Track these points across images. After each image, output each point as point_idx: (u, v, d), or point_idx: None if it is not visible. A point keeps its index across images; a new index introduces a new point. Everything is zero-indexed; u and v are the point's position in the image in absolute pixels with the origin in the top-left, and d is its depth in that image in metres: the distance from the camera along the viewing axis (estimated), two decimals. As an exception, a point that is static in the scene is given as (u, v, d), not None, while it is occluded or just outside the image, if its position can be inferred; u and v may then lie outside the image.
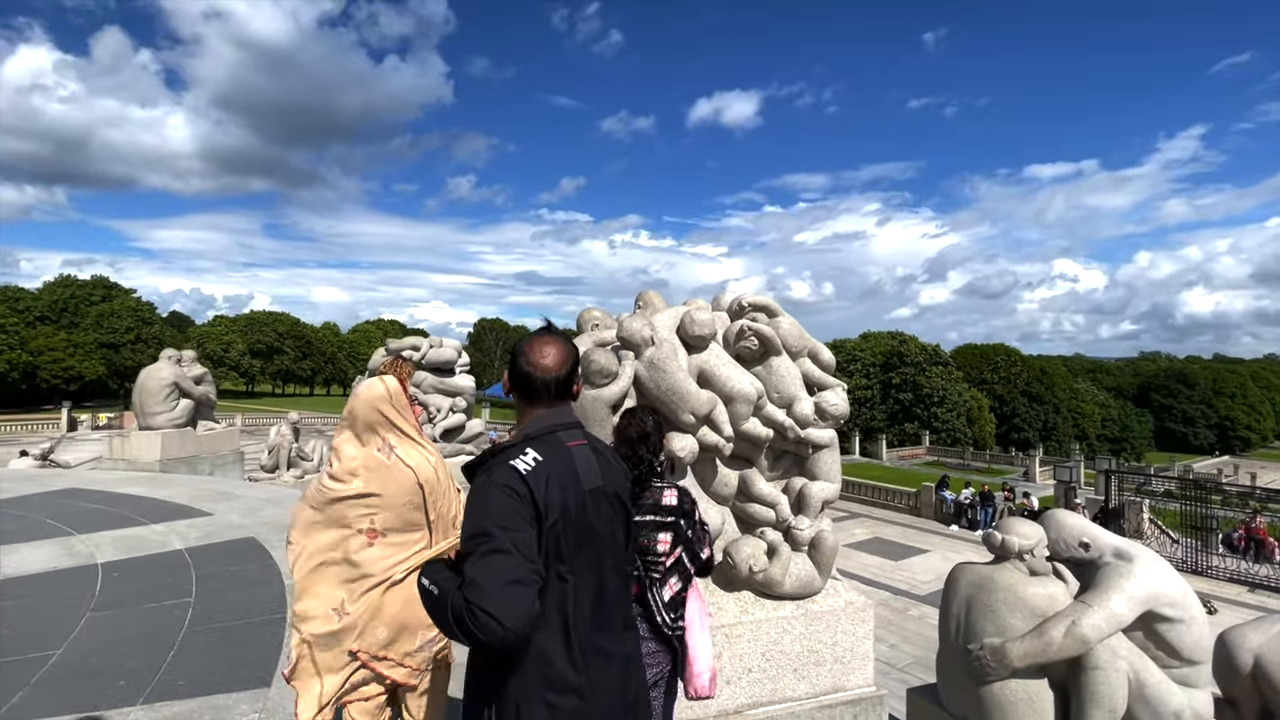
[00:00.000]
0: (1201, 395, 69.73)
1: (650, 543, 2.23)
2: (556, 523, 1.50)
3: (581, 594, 1.54)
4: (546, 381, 1.67)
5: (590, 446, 1.68)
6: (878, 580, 14.50)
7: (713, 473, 3.16)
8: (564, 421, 1.68)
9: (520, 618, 1.34)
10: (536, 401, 1.70)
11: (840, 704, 2.88)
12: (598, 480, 1.63)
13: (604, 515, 1.63)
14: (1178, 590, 3.59)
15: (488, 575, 1.37)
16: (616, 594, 1.64)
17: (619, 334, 2.99)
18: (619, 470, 1.75)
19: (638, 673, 1.66)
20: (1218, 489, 20.03)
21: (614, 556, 1.64)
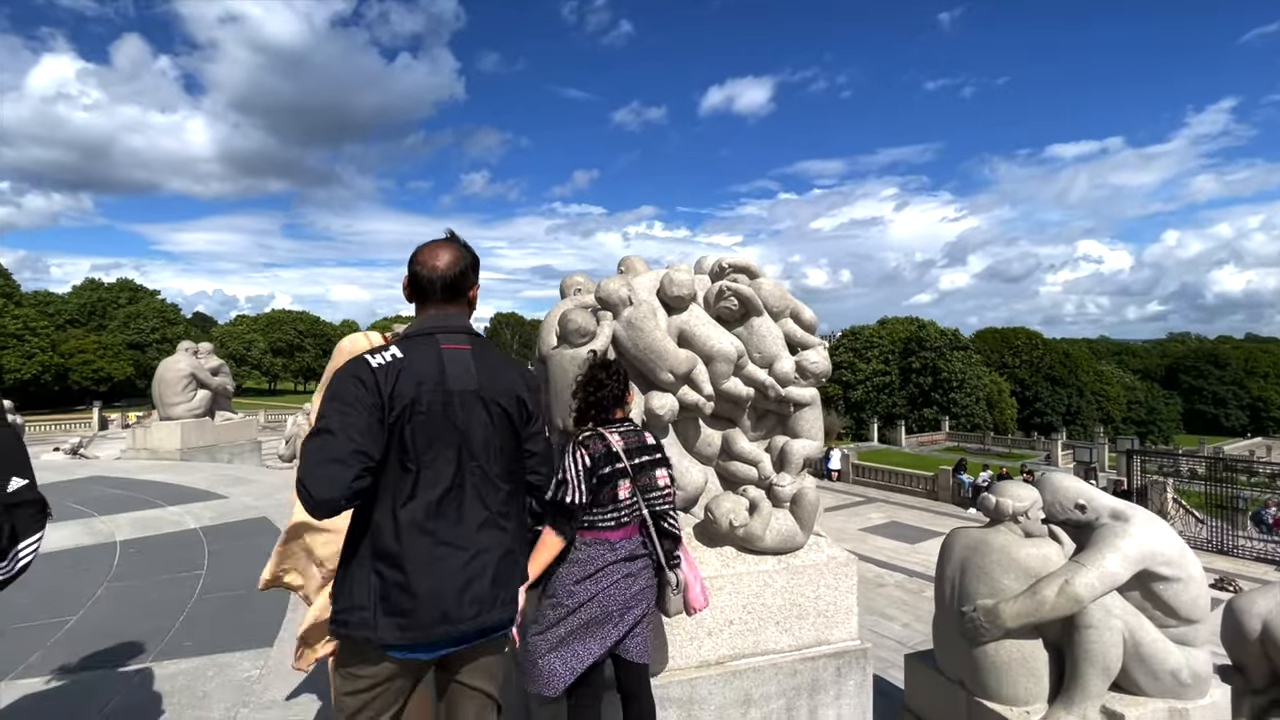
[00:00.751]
0: (1233, 376, 67.94)
1: (652, 480, 2.34)
2: (403, 416, 1.58)
3: (425, 484, 1.61)
4: (432, 279, 1.73)
5: (473, 352, 1.72)
6: (893, 563, 14.44)
7: (696, 432, 3.19)
8: (447, 325, 1.73)
9: (328, 491, 1.45)
10: (425, 302, 1.77)
11: (823, 656, 2.91)
12: (470, 384, 1.68)
13: (475, 418, 1.67)
14: (1174, 549, 3.56)
15: (311, 452, 1.49)
16: (479, 493, 1.67)
17: (597, 294, 3.03)
18: (511, 380, 1.77)
19: (500, 570, 1.68)
20: (1247, 469, 19.56)
21: (484, 458, 1.68)
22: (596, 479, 2.21)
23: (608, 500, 2.24)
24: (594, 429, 2.31)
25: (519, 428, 1.77)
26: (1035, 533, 3.74)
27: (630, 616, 2.27)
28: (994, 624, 3.52)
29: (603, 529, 2.26)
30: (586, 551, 2.24)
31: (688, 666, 2.77)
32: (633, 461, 2.29)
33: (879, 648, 8.23)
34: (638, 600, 2.29)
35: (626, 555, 2.28)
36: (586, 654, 2.21)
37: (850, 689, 2.95)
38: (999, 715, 3.53)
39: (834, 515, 19.27)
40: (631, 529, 2.31)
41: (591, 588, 2.21)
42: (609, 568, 2.23)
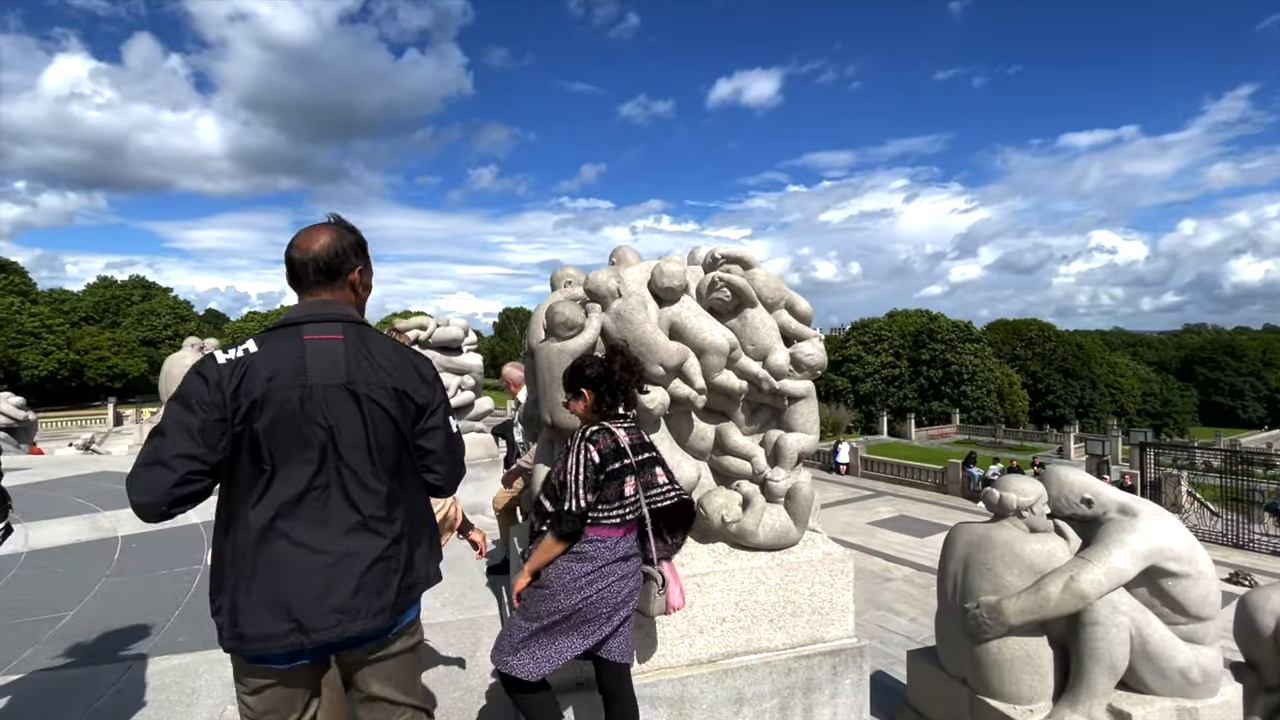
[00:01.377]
0: (1250, 367, 66.89)
1: (653, 478, 2.30)
2: (250, 414, 1.48)
3: (280, 485, 1.51)
4: (305, 262, 1.63)
5: (345, 341, 1.60)
6: (902, 557, 14.34)
7: (689, 427, 3.13)
8: (315, 313, 1.62)
9: (148, 495, 1.40)
10: (301, 288, 1.67)
11: (819, 655, 2.85)
12: (336, 376, 1.56)
13: (343, 413, 1.55)
14: (1183, 544, 3.47)
15: (142, 454, 1.44)
16: (347, 494, 1.56)
17: (585, 286, 2.96)
18: (393, 371, 1.64)
19: (370, 578, 1.56)
20: (1264, 461, 19.23)
21: (355, 457, 1.56)
22: (604, 475, 2.17)
23: (614, 497, 2.20)
24: (602, 424, 2.26)
25: (402, 423, 1.63)
26: (1040, 528, 3.66)
27: (618, 617, 2.23)
28: (997, 621, 3.45)
29: (607, 525, 2.21)
30: (591, 549, 2.20)
31: (678, 665, 2.72)
32: (638, 458, 2.25)
33: (885, 643, 8.18)
34: (627, 601, 2.25)
35: (623, 554, 2.24)
36: (568, 649, 2.18)
37: (846, 688, 2.89)
38: (1002, 714, 3.46)
39: (842, 509, 19.15)
40: (632, 526, 2.28)
41: (588, 587, 2.17)
42: (607, 567, 2.20)
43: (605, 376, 2.28)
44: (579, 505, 2.13)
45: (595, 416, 2.31)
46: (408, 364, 1.69)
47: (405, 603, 1.65)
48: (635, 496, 2.22)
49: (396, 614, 1.62)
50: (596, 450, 2.17)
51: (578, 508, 2.13)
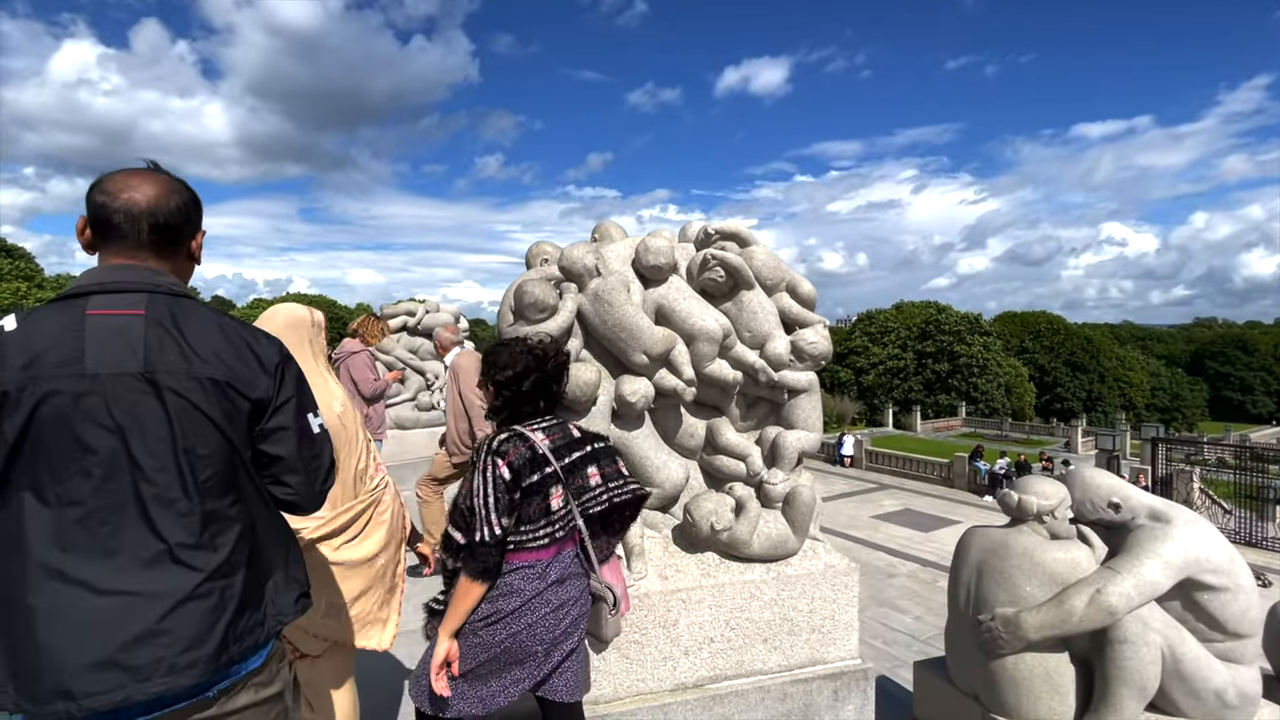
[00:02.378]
0: (1261, 362, 66.16)
1: (584, 481, 1.95)
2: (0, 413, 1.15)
3: (48, 506, 1.18)
4: (134, 215, 1.29)
5: (147, 319, 1.23)
6: (906, 551, 14.10)
7: (677, 422, 2.82)
8: (111, 281, 1.26)
9: None
10: (110, 248, 1.31)
11: (818, 678, 2.55)
12: (131, 364, 1.21)
13: (141, 412, 1.21)
14: (1222, 555, 3.16)
15: None
16: (147, 517, 1.22)
17: (559, 263, 2.64)
18: (212, 357, 1.28)
19: (180, 622, 1.21)
20: (1277, 458, 18.85)
21: (158, 469, 1.22)
22: (520, 492, 1.82)
23: (538, 515, 1.85)
24: (512, 431, 1.91)
25: (229, 425, 1.29)
26: (1062, 534, 3.37)
27: (559, 652, 1.89)
28: (1014, 635, 3.18)
29: (532, 549, 1.87)
30: (509, 582, 1.85)
31: (660, 690, 2.43)
32: (563, 462, 1.90)
33: (889, 644, 7.91)
34: (570, 633, 1.91)
35: (557, 578, 1.89)
36: (497, 695, 1.85)
37: (849, 714, 2.59)
38: (1018, 735, 3.19)
39: (846, 502, 18.92)
40: (567, 543, 1.94)
41: (515, 623, 1.82)
42: (535, 601, 1.85)
43: (516, 381, 1.93)
44: (492, 534, 1.78)
45: (501, 419, 1.98)
46: (241, 348, 1.33)
47: (242, 650, 1.30)
48: (565, 509, 1.90)
49: (225, 665, 1.27)
50: (506, 464, 1.81)
51: (491, 537, 1.78)
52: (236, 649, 1.29)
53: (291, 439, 1.39)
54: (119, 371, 1.21)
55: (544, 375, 1.95)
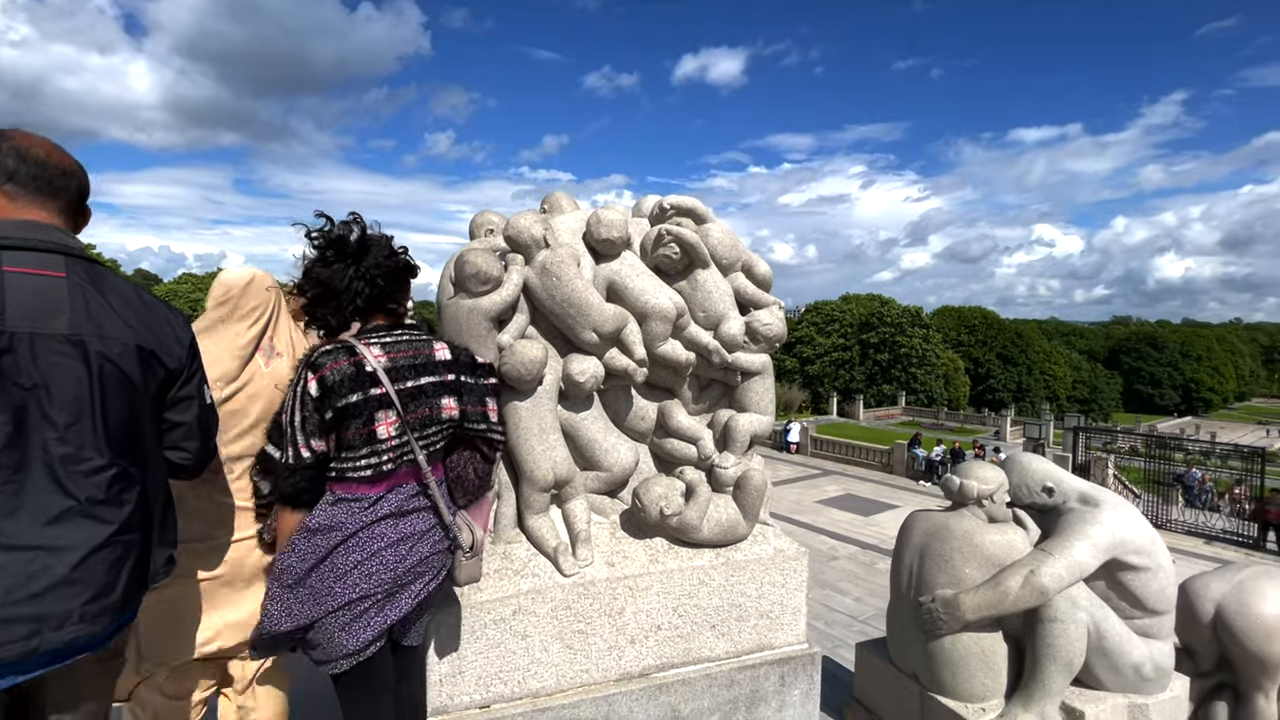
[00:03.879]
0: (1169, 358, 71.39)
1: (434, 411, 1.74)
2: None
3: None
4: (41, 161, 1.31)
5: (69, 281, 1.26)
6: (847, 535, 14.57)
7: (627, 404, 2.72)
8: (25, 238, 1.25)
9: None
10: (19, 199, 1.31)
11: (765, 664, 2.52)
12: (58, 324, 1.22)
13: (60, 373, 1.23)
14: (1145, 537, 3.31)
15: None
16: (55, 474, 1.25)
17: (505, 233, 2.48)
18: (136, 324, 1.33)
19: (85, 573, 1.25)
20: (1179, 446, 20.44)
21: (70, 428, 1.26)
22: (334, 412, 1.60)
23: (359, 441, 1.63)
24: (339, 342, 1.68)
25: (143, 390, 1.35)
26: (1000, 517, 3.46)
27: (406, 595, 1.70)
28: (953, 616, 3.24)
29: (354, 480, 1.66)
30: (332, 514, 1.64)
31: (605, 681, 2.33)
32: (402, 385, 1.68)
33: (830, 624, 8.12)
34: (417, 574, 1.72)
35: (391, 513, 1.68)
36: (338, 647, 1.64)
37: (795, 699, 2.57)
38: (953, 712, 3.27)
39: (791, 487, 19.39)
40: (402, 477, 1.72)
41: (339, 566, 1.61)
42: (362, 535, 1.63)
43: (331, 279, 1.68)
44: (297, 457, 1.61)
45: (314, 324, 1.77)
46: (161, 318, 1.41)
47: (134, 602, 1.39)
48: (397, 439, 1.67)
49: (124, 614, 1.36)
50: (317, 379, 1.60)
51: (295, 460, 1.62)
52: (133, 600, 1.37)
53: (195, 408, 1.48)
54: (42, 331, 1.23)
55: (358, 270, 1.70)
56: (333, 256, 1.69)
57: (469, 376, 1.85)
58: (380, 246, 1.75)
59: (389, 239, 1.78)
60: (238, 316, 1.98)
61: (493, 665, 2.18)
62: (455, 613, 2.13)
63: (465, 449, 1.87)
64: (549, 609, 2.25)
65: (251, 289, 2.01)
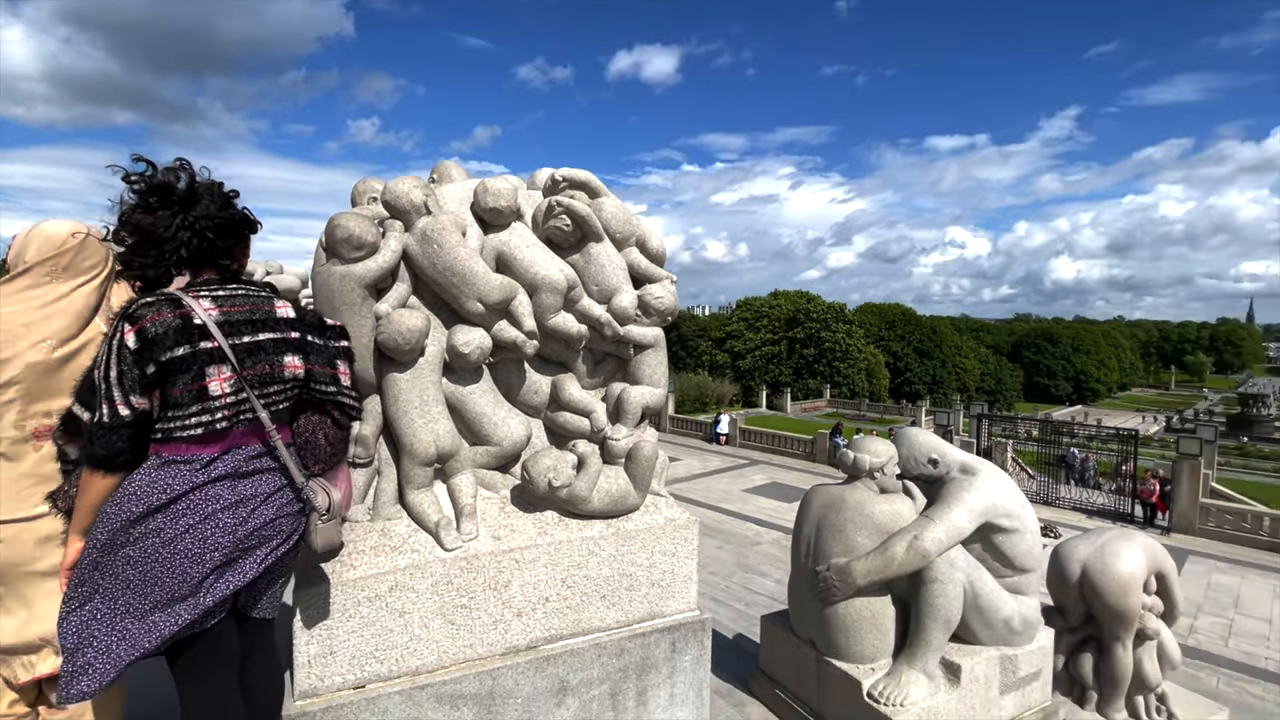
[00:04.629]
0: (1063, 352, 77.80)
1: (275, 368, 1.64)
2: None
3: None
4: None
5: None
6: (771, 521, 14.99)
7: (520, 378, 2.68)
8: None
9: None
10: None
11: (656, 631, 2.55)
12: None
13: None
14: (1014, 502, 3.57)
15: None
16: None
17: (383, 198, 2.38)
18: None
19: None
20: (1068, 431, 22.34)
21: None
22: (156, 366, 1.47)
23: (189, 398, 1.52)
24: (162, 294, 1.55)
25: None
26: (890, 488, 3.64)
27: (251, 561, 1.59)
28: (846, 582, 3.39)
29: (184, 440, 1.54)
30: (156, 478, 1.51)
31: (490, 655, 2.29)
32: (237, 340, 1.58)
33: (749, 605, 8.35)
34: (262, 539, 1.61)
35: (226, 474, 1.57)
36: (155, 630, 1.48)
37: (686, 664, 2.62)
38: (845, 674, 3.42)
39: (720, 478, 19.79)
40: (241, 437, 1.61)
41: (165, 530, 1.48)
42: (192, 498, 1.51)
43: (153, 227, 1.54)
44: (113, 414, 1.47)
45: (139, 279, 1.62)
46: None
47: None
48: (233, 395, 1.56)
49: None
50: (135, 331, 1.47)
51: (111, 418, 1.47)
52: None
53: None
54: None
55: (185, 219, 1.57)
56: (156, 203, 1.55)
57: (316, 336, 1.75)
58: (213, 196, 1.62)
59: (222, 187, 1.66)
60: (73, 273, 1.81)
61: (367, 644, 2.10)
62: (324, 590, 2.03)
63: (315, 413, 1.77)
64: (429, 584, 2.19)
65: (89, 245, 1.85)
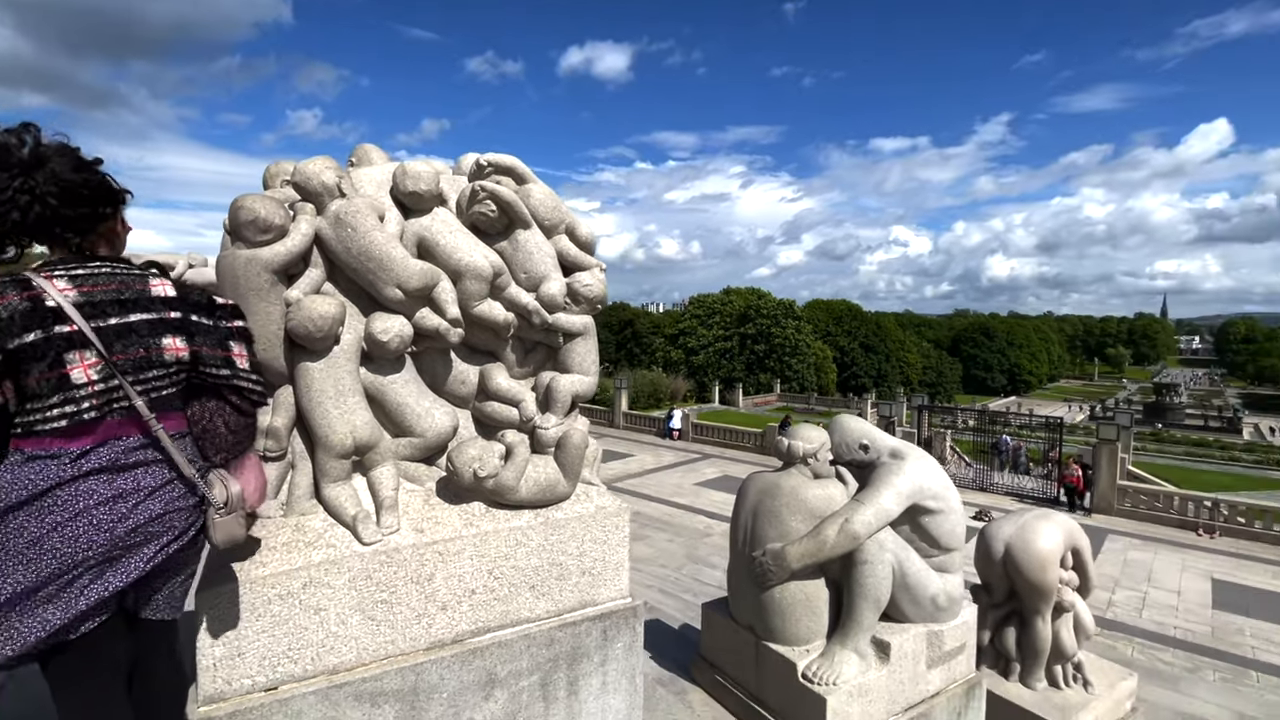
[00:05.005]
0: (998, 346, 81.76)
1: (153, 352, 1.52)
2: None
3: None
4: None
5: None
6: (722, 514, 15.19)
7: (446, 367, 2.61)
8: None
9: None
10: None
11: (587, 620, 2.53)
12: None
13: None
14: (940, 484, 3.71)
15: None
16: None
17: (293, 179, 2.27)
18: None
19: None
20: (1003, 421, 23.50)
21: None
22: (3, 355, 1.37)
23: (48, 388, 1.41)
24: (7, 274, 1.46)
25: None
26: (824, 474, 3.73)
27: (136, 560, 1.50)
28: (781, 567, 3.46)
29: (46, 433, 1.43)
30: (18, 475, 1.41)
31: (413, 650, 2.23)
32: (103, 322, 1.46)
33: (698, 595, 8.46)
34: (149, 535, 1.51)
35: (101, 467, 1.47)
36: (18, 636, 1.39)
37: (618, 652, 2.61)
38: (781, 656, 3.49)
39: (673, 472, 19.95)
40: (116, 428, 1.51)
41: (30, 529, 1.38)
42: (58, 494, 1.42)
43: None
44: None
45: None
46: None
47: None
48: (101, 383, 1.46)
49: None
50: None
51: None
52: None
53: None
54: None
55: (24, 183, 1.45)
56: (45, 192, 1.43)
57: (203, 316, 1.63)
58: (63, 158, 1.48)
59: (77, 152, 1.51)
60: None
61: (279, 644, 2.01)
62: (231, 590, 1.93)
63: (211, 399, 1.66)
64: (346, 580, 2.11)
65: None
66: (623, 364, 54.73)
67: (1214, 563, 12.81)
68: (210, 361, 1.62)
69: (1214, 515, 14.75)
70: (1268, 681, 7.87)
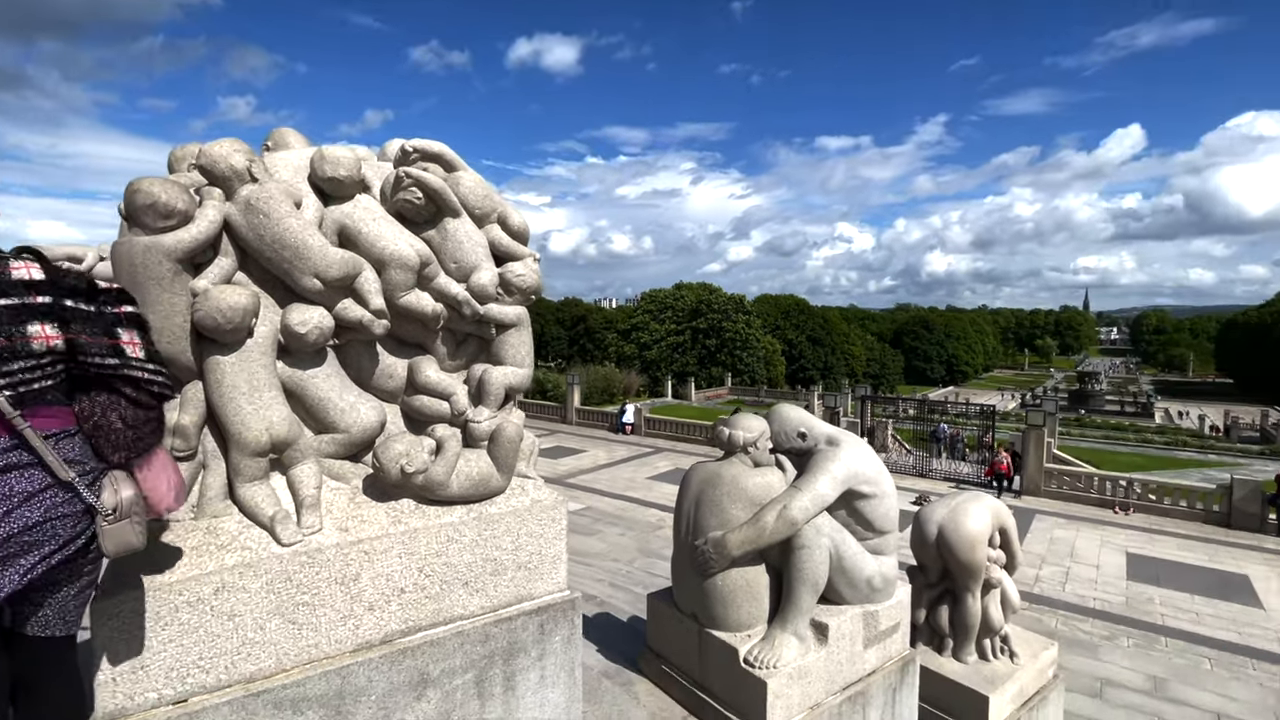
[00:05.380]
0: (937, 338, 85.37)
1: (15, 340, 1.40)
2: None
3: None
4: None
5: None
6: (673, 507, 15.32)
7: (372, 361, 2.52)
8: None
9: None
10: None
11: (523, 615, 2.50)
12: None
13: None
14: (874, 469, 3.82)
15: None
16: None
17: (198, 163, 2.14)
18: None
19: None
20: (942, 409, 24.57)
21: None
22: None
23: None
24: None
25: None
26: (763, 462, 3.80)
27: (11, 573, 1.39)
28: (722, 554, 3.50)
29: None
30: None
31: (339, 653, 2.15)
32: None
33: (648, 588, 8.48)
34: (26, 545, 1.40)
35: None
36: None
37: (556, 646, 2.59)
38: (724, 643, 3.54)
39: (626, 466, 20.02)
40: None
41: None
42: None
43: None
44: None
45: None
46: None
47: None
48: None
49: None
50: None
51: None
52: None
53: None
54: None
55: None
56: None
57: (81, 302, 1.51)
58: None
59: None
60: None
61: (189, 653, 1.89)
62: (134, 598, 1.81)
63: (101, 392, 1.54)
64: (263, 583, 2.01)
65: None
66: (576, 359, 54.39)
67: (1129, 538, 13.76)
68: (92, 350, 1.50)
69: (1129, 494, 15.85)
70: (1175, 645, 8.52)
